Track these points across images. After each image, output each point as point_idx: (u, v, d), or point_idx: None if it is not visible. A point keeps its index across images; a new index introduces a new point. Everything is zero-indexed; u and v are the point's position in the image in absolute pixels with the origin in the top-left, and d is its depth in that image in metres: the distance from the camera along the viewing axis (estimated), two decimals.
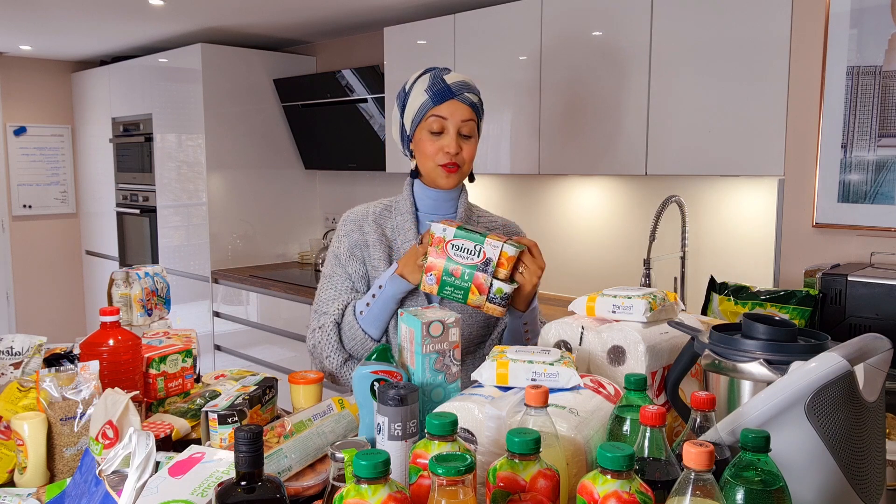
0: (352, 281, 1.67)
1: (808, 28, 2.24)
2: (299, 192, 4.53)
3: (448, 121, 1.58)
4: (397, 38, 3.50)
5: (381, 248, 1.66)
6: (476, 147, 1.64)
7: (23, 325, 5.25)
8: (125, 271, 1.85)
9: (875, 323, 1.85)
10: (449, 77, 1.61)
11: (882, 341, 0.94)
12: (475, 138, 1.62)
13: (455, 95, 1.58)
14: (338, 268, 1.69)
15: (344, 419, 1.21)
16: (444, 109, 1.58)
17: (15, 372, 1.53)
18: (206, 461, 1.01)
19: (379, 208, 1.72)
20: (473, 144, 1.62)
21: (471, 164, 1.64)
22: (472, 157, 1.63)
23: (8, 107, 5.15)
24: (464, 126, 1.59)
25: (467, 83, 1.62)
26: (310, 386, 1.44)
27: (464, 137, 1.60)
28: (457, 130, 1.59)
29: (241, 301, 4.03)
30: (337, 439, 1.18)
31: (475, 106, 1.60)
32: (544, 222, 3.40)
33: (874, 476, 0.90)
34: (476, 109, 1.61)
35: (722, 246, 2.81)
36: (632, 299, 1.27)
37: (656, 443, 0.88)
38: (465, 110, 1.58)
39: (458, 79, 1.61)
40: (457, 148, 1.59)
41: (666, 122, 2.57)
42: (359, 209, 1.74)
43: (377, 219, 1.70)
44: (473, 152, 1.63)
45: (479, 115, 1.63)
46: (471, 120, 1.59)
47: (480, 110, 1.63)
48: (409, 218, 1.67)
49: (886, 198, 2.11)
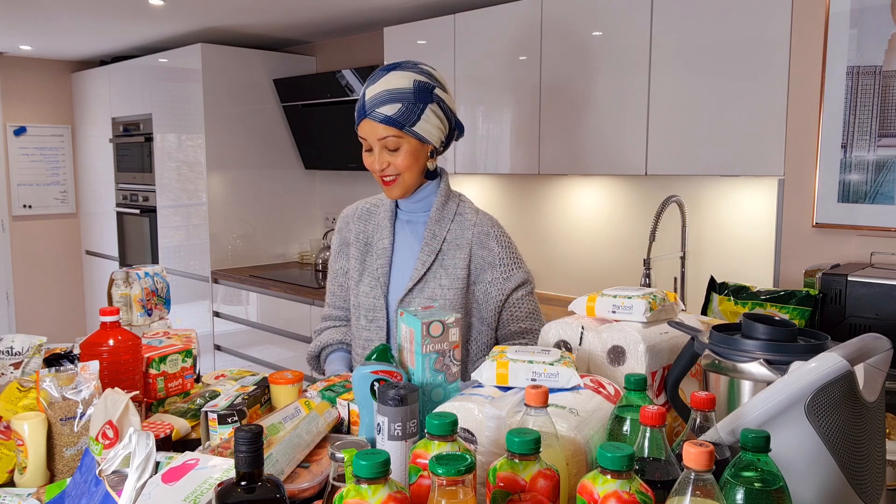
0: (340, 278, 1.79)
1: (808, 28, 2.23)
2: (299, 192, 4.53)
3: (368, 140, 1.58)
4: (397, 38, 3.50)
5: (358, 247, 1.72)
6: (412, 152, 1.57)
7: (23, 325, 5.25)
8: (125, 271, 1.85)
9: (875, 323, 1.85)
10: (371, 90, 1.56)
11: (882, 341, 0.94)
12: (405, 146, 1.56)
13: (367, 115, 1.55)
14: (332, 263, 1.81)
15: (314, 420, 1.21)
16: (363, 129, 1.58)
17: (15, 372, 1.53)
18: (199, 468, 1.01)
19: (368, 205, 1.77)
20: (403, 153, 1.56)
21: (411, 169, 1.58)
22: (409, 165, 1.57)
23: (8, 107, 5.15)
24: (381, 143, 1.56)
25: (383, 95, 1.53)
26: (289, 386, 1.44)
27: (390, 152, 1.56)
28: (380, 147, 1.57)
29: (241, 301, 4.03)
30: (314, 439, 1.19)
31: (390, 120, 1.52)
32: (544, 222, 3.40)
33: (874, 476, 0.90)
34: (393, 122, 1.52)
35: (722, 246, 2.81)
36: (632, 299, 1.27)
37: (656, 443, 0.88)
38: (379, 128, 1.54)
39: (376, 91, 1.54)
40: (381, 164, 1.57)
41: (666, 122, 2.57)
42: (352, 206, 1.80)
43: (362, 216, 1.75)
44: (408, 160, 1.57)
45: (401, 124, 1.53)
46: (389, 136, 1.54)
47: (402, 120, 1.53)
48: (387, 216, 1.69)
49: (886, 198, 2.11)
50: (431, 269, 1.63)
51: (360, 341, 1.70)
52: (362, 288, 1.69)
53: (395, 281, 1.67)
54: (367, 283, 1.68)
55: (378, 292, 1.66)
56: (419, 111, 1.54)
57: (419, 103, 1.54)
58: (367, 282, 1.68)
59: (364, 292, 1.68)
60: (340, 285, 1.79)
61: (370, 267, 1.69)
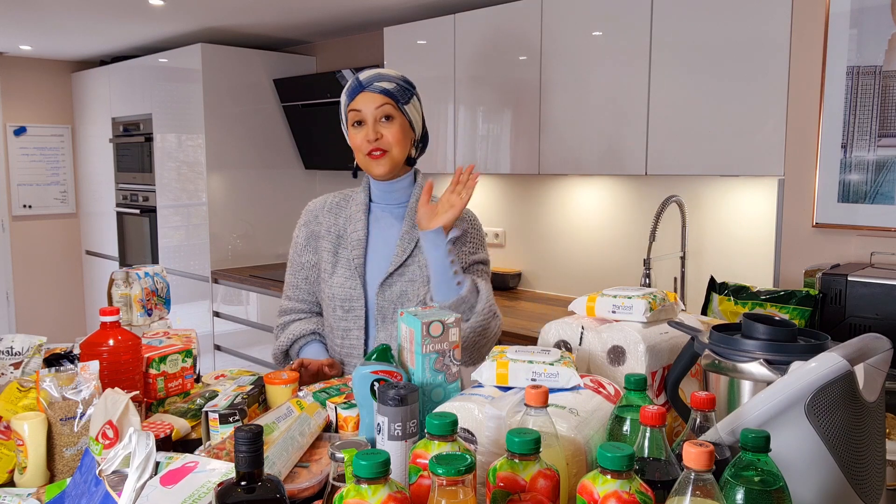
0: (305, 271, 1.82)
1: (808, 28, 2.24)
2: (299, 192, 4.53)
3: (363, 111, 1.65)
4: (397, 38, 3.50)
5: (330, 240, 1.77)
6: (403, 129, 1.66)
7: (23, 325, 5.25)
8: (125, 271, 1.85)
9: (875, 323, 1.85)
10: (364, 74, 1.68)
11: (882, 341, 0.94)
12: (398, 119, 1.65)
13: (364, 88, 1.65)
14: (295, 256, 1.83)
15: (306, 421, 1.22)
16: (358, 103, 1.66)
17: (15, 372, 1.53)
18: (198, 471, 1.01)
19: (337, 199, 1.82)
20: (396, 126, 1.65)
21: (400, 146, 1.67)
22: (399, 139, 1.66)
23: (8, 107, 5.15)
24: (379, 112, 1.64)
25: (381, 74, 1.66)
26: (284, 386, 1.44)
27: (384, 122, 1.65)
28: (374, 118, 1.64)
29: (241, 301, 4.03)
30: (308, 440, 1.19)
31: (387, 91, 1.64)
32: (544, 222, 3.40)
33: (874, 476, 0.90)
34: (390, 94, 1.64)
35: (722, 246, 2.81)
36: (632, 299, 1.27)
37: (656, 443, 0.88)
38: (377, 98, 1.64)
39: (372, 73, 1.67)
40: (375, 134, 1.65)
41: (666, 121, 2.57)
42: (319, 199, 1.86)
43: (332, 209, 1.81)
44: (398, 134, 1.65)
45: (397, 98, 1.64)
46: (385, 104, 1.64)
47: (397, 94, 1.65)
48: (361, 208, 1.75)
49: (886, 198, 2.11)
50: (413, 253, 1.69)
51: (339, 332, 1.73)
52: (336, 279, 1.72)
53: (371, 270, 1.72)
54: (342, 273, 1.72)
55: (354, 282, 1.70)
56: (409, 96, 1.68)
57: (409, 90, 1.68)
58: (342, 273, 1.72)
59: (339, 283, 1.72)
60: (306, 278, 1.82)
61: (344, 258, 1.74)
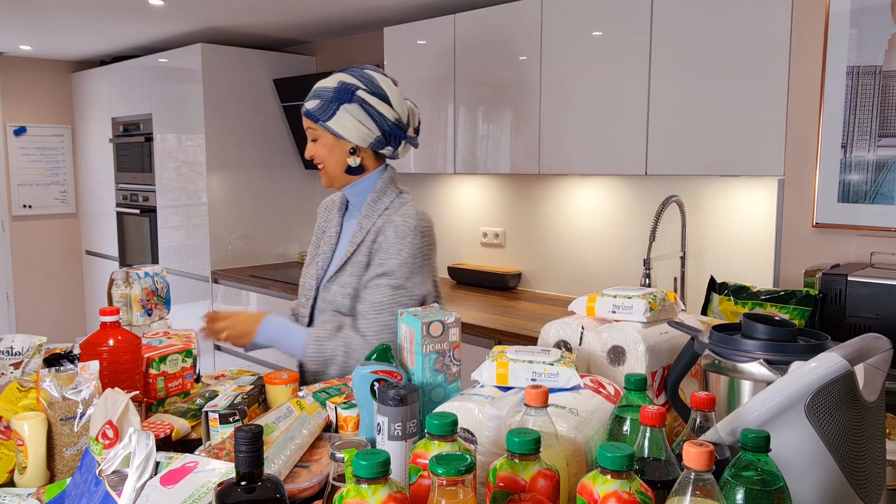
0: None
1: (808, 28, 2.24)
2: (299, 192, 4.53)
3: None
4: (397, 38, 3.50)
5: (317, 235, 1.91)
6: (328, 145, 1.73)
7: (23, 325, 5.25)
8: (125, 271, 1.85)
9: (875, 323, 1.85)
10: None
11: (882, 341, 0.94)
12: (321, 138, 1.74)
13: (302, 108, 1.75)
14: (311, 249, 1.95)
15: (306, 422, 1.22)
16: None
17: (15, 372, 1.53)
18: (198, 471, 1.01)
19: (334, 198, 1.93)
20: (319, 145, 1.74)
21: (328, 161, 1.75)
22: (325, 156, 1.74)
23: (8, 107, 5.15)
24: (308, 132, 1.75)
25: (312, 93, 1.73)
26: (284, 386, 1.44)
27: (313, 142, 1.76)
28: (309, 138, 1.76)
29: (241, 301, 4.03)
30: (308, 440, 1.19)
31: (307, 112, 1.72)
32: (544, 222, 3.40)
33: (874, 476, 0.90)
34: (309, 115, 1.72)
35: (722, 246, 2.81)
36: (632, 299, 1.27)
37: (656, 443, 0.88)
38: (304, 120, 1.75)
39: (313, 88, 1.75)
40: (308, 154, 1.77)
41: (666, 121, 2.57)
42: (328, 198, 1.97)
43: (327, 207, 1.93)
44: (322, 151, 1.74)
45: (316, 117, 1.71)
46: (308, 127, 1.74)
47: (317, 114, 1.71)
48: (334, 209, 1.88)
49: (886, 198, 2.11)
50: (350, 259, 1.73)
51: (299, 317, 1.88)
52: (308, 270, 1.87)
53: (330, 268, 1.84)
54: (313, 265, 1.86)
55: (316, 274, 1.83)
56: (334, 109, 1.70)
57: (334, 102, 1.70)
58: (313, 265, 1.86)
59: (308, 273, 1.86)
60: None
61: (318, 252, 1.87)
